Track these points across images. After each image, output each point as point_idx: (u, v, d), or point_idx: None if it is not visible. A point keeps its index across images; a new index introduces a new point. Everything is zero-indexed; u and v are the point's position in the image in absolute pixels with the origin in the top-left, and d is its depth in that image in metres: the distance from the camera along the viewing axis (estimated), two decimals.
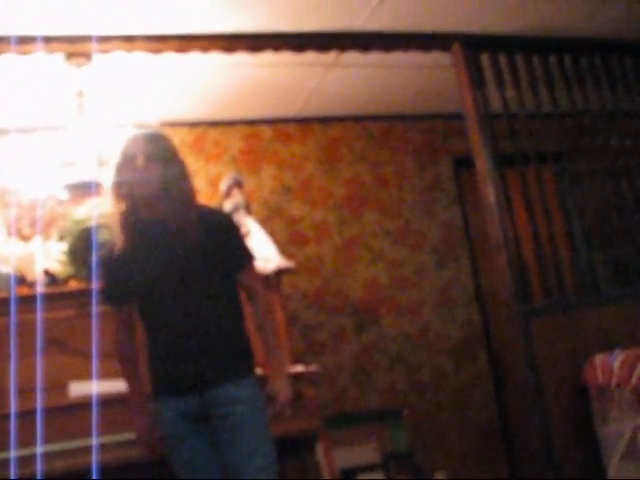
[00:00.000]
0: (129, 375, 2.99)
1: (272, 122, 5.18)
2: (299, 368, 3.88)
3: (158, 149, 2.81)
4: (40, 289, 3.73)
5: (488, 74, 4.31)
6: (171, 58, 3.92)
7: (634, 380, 3.57)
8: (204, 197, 4.77)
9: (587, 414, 3.90)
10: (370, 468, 4.57)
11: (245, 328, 2.93)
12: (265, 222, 4.74)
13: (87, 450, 3.18)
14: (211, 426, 2.79)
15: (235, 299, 2.92)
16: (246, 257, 2.96)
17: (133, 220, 2.82)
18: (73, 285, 3.93)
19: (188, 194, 2.85)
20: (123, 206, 2.81)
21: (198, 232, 2.78)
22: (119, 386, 3.32)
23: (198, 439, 2.80)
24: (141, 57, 3.85)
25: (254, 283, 2.97)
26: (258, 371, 2.99)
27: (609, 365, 3.74)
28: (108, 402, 3.24)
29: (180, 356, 2.77)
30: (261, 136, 5.15)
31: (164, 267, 2.79)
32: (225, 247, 2.86)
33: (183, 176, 2.85)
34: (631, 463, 3.12)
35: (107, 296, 2.94)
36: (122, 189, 2.80)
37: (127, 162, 2.79)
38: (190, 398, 2.77)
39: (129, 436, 3.21)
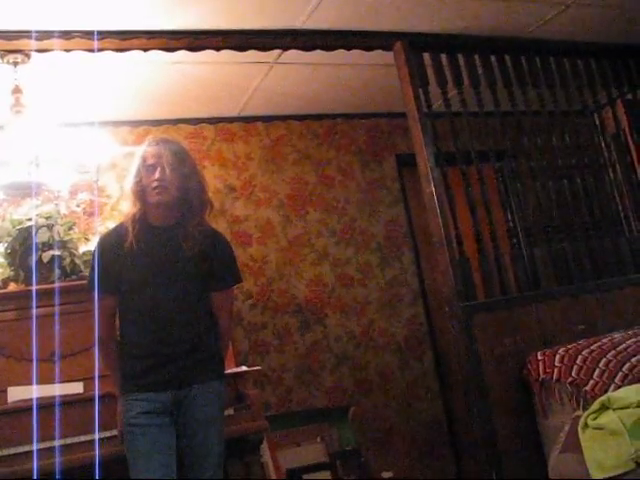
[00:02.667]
0: (113, 366, 3.09)
1: (215, 121, 5.15)
2: (243, 368, 3.86)
3: (179, 160, 3.00)
4: None
5: (430, 73, 4.33)
6: (111, 56, 3.86)
7: (574, 374, 3.63)
8: None
9: (529, 408, 3.95)
10: (316, 468, 4.55)
11: (217, 336, 3.13)
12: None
13: (28, 456, 3.13)
14: (174, 420, 2.96)
15: (210, 309, 3.12)
16: (233, 280, 3.21)
17: (143, 224, 3.01)
18: (12, 287, 3.86)
19: (204, 207, 3.10)
20: (136, 210, 3.00)
21: (199, 246, 3.01)
22: (58, 390, 3.29)
23: (161, 431, 2.92)
24: (80, 55, 3.78)
25: (227, 304, 3.21)
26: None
27: (550, 360, 3.80)
28: (48, 406, 3.19)
29: (159, 355, 2.95)
30: (204, 135, 5.12)
31: (159, 270, 2.99)
32: (217, 266, 3.10)
33: (202, 189, 3.09)
34: (570, 455, 3.16)
35: (99, 283, 3.02)
36: (139, 194, 2.99)
37: (147, 169, 2.99)
38: (163, 395, 2.93)
39: (69, 440, 3.18)
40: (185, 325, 2.99)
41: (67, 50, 3.71)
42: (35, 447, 3.13)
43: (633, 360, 3.60)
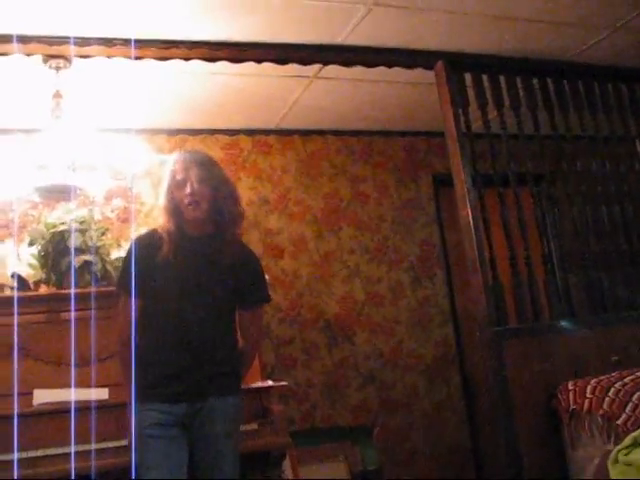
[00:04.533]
0: (128, 371, 3.00)
1: (252, 133, 5.16)
2: (269, 383, 3.83)
3: (209, 174, 2.99)
4: (10, 293, 3.68)
5: (471, 93, 4.30)
6: (151, 64, 3.88)
7: (605, 406, 3.55)
8: None
9: (557, 439, 3.88)
10: None
11: (237, 352, 3.10)
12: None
13: (51, 459, 3.13)
14: (188, 432, 2.92)
15: (233, 324, 3.10)
16: (261, 298, 3.19)
17: (178, 234, 3.00)
18: (43, 290, 3.88)
19: (237, 218, 3.07)
20: (172, 225, 2.99)
21: (231, 259, 3.00)
22: (84, 395, 3.28)
23: (173, 443, 2.89)
24: (121, 62, 3.81)
25: (253, 325, 3.18)
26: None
27: (581, 390, 3.72)
28: (68, 411, 3.19)
29: (176, 366, 2.91)
30: (241, 146, 5.12)
31: (188, 279, 2.97)
32: (247, 283, 3.08)
33: (234, 201, 3.06)
34: None
35: (127, 284, 2.99)
36: (173, 211, 2.99)
37: (178, 185, 2.98)
38: (179, 406, 2.90)
39: (93, 446, 3.18)
40: (206, 338, 2.96)
41: (108, 56, 3.74)
42: (53, 452, 3.13)
43: None
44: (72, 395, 3.30)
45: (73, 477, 3.06)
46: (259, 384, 3.81)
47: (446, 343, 5.37)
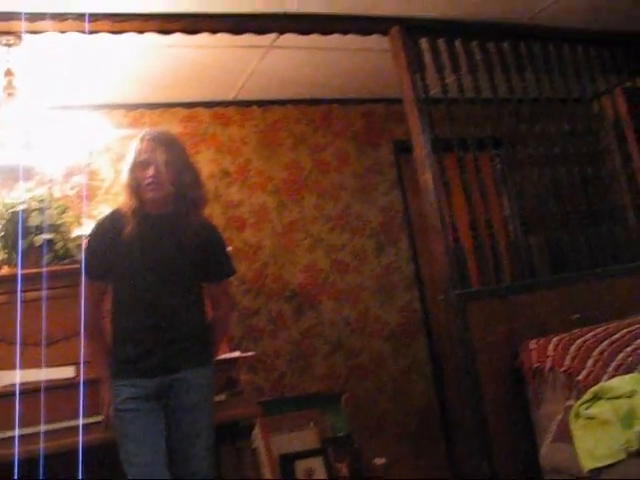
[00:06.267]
0: (98, 349, 3.11)
1: (210, 105, 5.11)
2: (236, 354, 3.84)
3: (173, 155, 2.98)
4: None
5: (427, 59, 4.30)
6: (106, 38, 3.82)
7: (567, 363, 3.62)
8: None
9: (522, 397, 3.94)
10: (309, 454, 4.55)
11: (207, 322, 3.17)
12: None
13: (19, 439, 3.12)
14: (164, 405, 2.97)
15: (200, 298, 3.14)
16: (227, 272, 3.25)
17: (140, 212, 2.98)
18: (5, 271, 3.84)
19: (200, 202, 3.08)
20: (133, 203, 2.97)
21: (195, 237, 3.02)
22: (48, 374, 3.27)
23: (150, 416, 2.93)
24: (74, 37, 3.74)
25: (223, 296, 3.27)
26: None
27: (543, 349, 3.78)
28: (38, 390, 3.17)
29: (149, 342, 2.95)
30: (199, 119, 5.08)
31: (154, 257, 2.99)
32: (212, 259, 3.13)
33: (197, 184, 3.07)
34: (562, 445, 3.16)
35: (88, 269, 3.04)
36: (134, 189, 2.98)
37: (142, 165, 2.96)
38: (153, 380, 2.94)
39: (60, 425, 3.17)
40: (176, 312, 2.99)
41: (61, 31, 3.67)
42: (21, 432, 3.11)
43: (627, 350, 3.58)
44: (37, 375, 3.27)
45: (43, 456, 3.05)
46: (226, 355, 3.82)
47: (411, 308, 5.41)
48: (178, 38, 3.93)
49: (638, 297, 4.37)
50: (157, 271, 2.98)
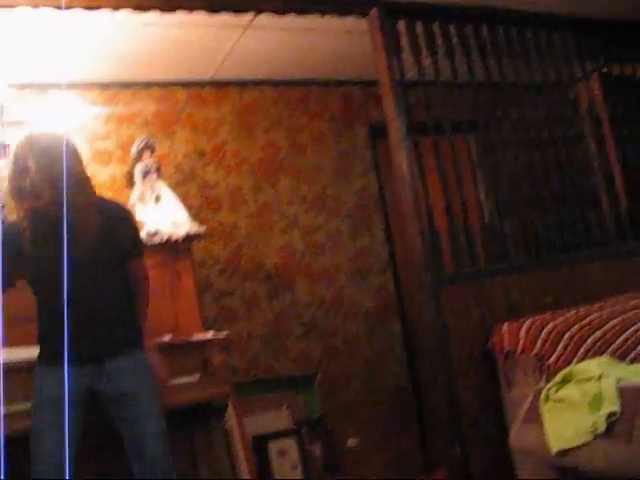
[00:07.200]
0: None
1: (187, 85, 5.06)
2: (209, 335, 3.84)
3: (51, 158, 2.91)
4: None
5: (404, 41, 4.29)
6: (79, 15, 3.76)
7: (538, 346, 3.65)
8: (115, 160, 4.70)
9: (494, 380, 3.98)
10: (282, 435, 4.57)
11: (134, 308, 3.14)
12: (178, 186, 4.68)
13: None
14: (102, 399, 2.94)
15: (123, 281, 3.11)
16: (137, 249, 3.21)
17: (35, 215, 2.91)
18: None
19: (86, 199, 2.99)
20: (23, 209, 2.93)
21: (96, 223, 2.96)
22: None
23: (67, 409, 2.84)
24: (47, 13, 3.69)
25: (139, 273, 3.20)
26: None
27: (515, 332, 3.82)
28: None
29: (77, 334, 2.86)
30: (175, 99, 5.04)
31: (61, 254, 2.85)
32: (120, 237, 3.08)
33: (79, 181, 2.98)
34: (531, 426, 3.19)
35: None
36: (19, 197, 2.93)
37: (21, 172, 2.91)
38: (81, 369, 2.89)
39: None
40: (96, 300, 2.95)
41: (35, 6, 3.61)
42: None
43: (597, 333, 3.63)
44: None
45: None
46: (200, 336, 3.82)
47: (386, 291, 5.43)
48: (154, 16, 3.88)
49: (610, 281, 4.42)
50: (72, 266, 2.88)
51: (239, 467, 4.06)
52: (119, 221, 3.10)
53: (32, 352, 3.07)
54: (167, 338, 3.78)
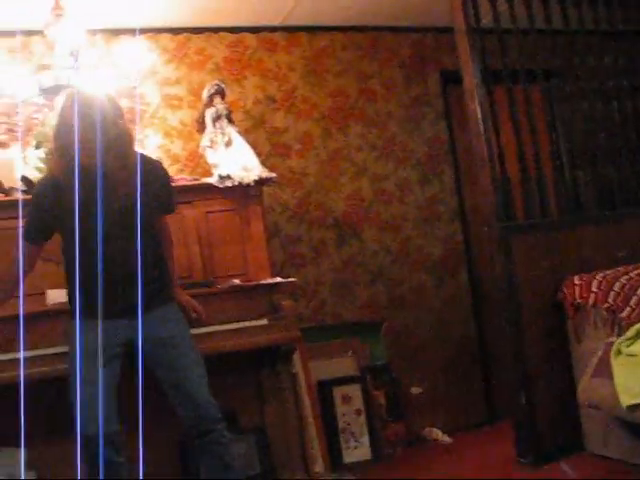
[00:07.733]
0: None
1: (257, 30, 5.04)
2: (277, 279, 3.89)
3: (95, 114, 2.93)
4: (18, 196, 3.69)
5: None
6: None
7: (610, 300, 3.60)
8: (186, 105, 4.72)
9: (562, 332, 3.95)
10: (347, 380, 4.62)
11: (165, 260, 3.27)
12: (248, 132, 4.68)
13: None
14: (144, 349, 3.02)
15: (157, 235, 3.22)
16: (171, 206, 3.32)
17: (73, 169, 2.92)
18: None
19: (126, 155, 3.04)
20: (65, 164, 2.96)
21: (133, 178, 2.98)
22: None
23: (106, 362, 2.97)
24: None
25: (168, 228, 3.36)
26: None
27: (587, 284, 3.77)
28: None
29: (114, 283, 2.98)
30: (246, 44, 5.02)
31: (96, 210, 2.93)
32: (156, 192, 3.14)
33: (122, 139, 3.04)
34: (601, 380, 3.17)
35: (30, 234, 3.11)
36: (64, 153, 2.95)
37: (65, 126, 2.93)
38: (120, 321, 3.00)
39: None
40: (134, 254, 2.98)
41: None
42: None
43: None
44: None
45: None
46: (268, 280, 3.86)
47: (454, 240, 5.39)
48: None
49: None
50: (111, 221, 2.97)
51: (304, 411, 4.13)
52: (156, 177, 3.17)
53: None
54: (237, 281, 3.84)
